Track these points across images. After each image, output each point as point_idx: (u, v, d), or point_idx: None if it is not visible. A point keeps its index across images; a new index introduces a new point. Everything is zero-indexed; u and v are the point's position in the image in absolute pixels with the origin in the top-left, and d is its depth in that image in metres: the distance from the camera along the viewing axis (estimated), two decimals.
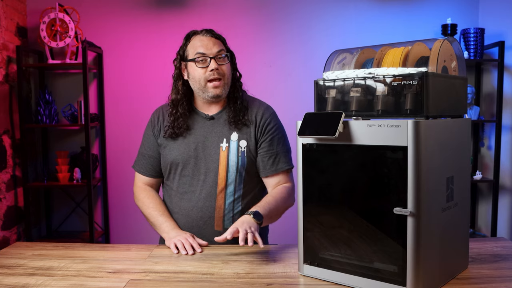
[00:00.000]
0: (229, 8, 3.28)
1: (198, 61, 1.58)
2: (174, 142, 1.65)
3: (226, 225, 1.61)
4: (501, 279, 1.19)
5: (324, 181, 1.21)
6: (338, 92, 1.22)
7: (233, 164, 1.60)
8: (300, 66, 3.27)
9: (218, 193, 1.60)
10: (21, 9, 3.20)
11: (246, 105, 1.66)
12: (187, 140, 1.63)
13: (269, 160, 1.64)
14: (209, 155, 1.61)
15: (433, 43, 1.17)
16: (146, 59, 3.30)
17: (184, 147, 1.63)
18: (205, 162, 1.61)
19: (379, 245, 1.10)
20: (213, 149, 1.62)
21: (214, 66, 1.57)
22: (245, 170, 1.62)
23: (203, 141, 1.63)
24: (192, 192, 1.62)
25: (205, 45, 1.59)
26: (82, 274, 1.29)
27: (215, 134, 1.63)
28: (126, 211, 3.37)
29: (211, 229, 1.61)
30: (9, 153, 3.01)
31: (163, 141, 1.67)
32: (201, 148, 1.62)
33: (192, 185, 1.62)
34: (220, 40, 1.63)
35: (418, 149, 1.03)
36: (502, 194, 3.19)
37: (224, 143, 1.61)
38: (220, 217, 1.61)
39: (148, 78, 3.30)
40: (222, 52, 1.60)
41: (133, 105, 3.31)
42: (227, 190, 1.61)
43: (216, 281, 1.22)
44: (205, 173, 1.61)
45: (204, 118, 1.65)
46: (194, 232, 1.61)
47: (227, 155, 1.61)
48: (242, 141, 1.62)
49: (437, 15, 3.25)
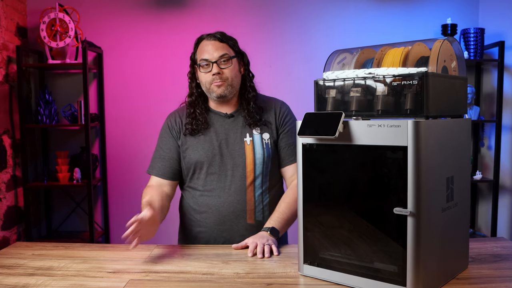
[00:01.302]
0: (229, 8, 3.28)
1: (203, 66, 1.63)
2: (197, 141, 1.66)
3: (257, 217, 1.64)
4: (501, 279, 1.19)
5: (324, 181, 1.21)
6: (338, 92, 1.22)
7: (259, 156, 1.64)
8: (300, 66, 3.27)
9: (247, 186, 1.63)
10: (21, 9, 3.20)
11: (261, 105, 1.70)
12: (210, 138, 1.66)
13: (288, 150, 1.69)
14: (234, 150, 1.64)
15: (433, 43, 1.17)
16: (146, 59, 3.30)
17: (208, 145, 1.65)
18: (231, 157, 1.64)
19: (379, 245, 1.10)
20: (238, 144, 1.65)
21: (216, 70, 1.61)
22: (270, 161, 1.66)
23: (225, 138, 1.66)
24: (220, 188, 1.64)
25: (208, 51, 1.63)
26: (82, 274, 1.29)
27: (237, 130, 1.67)
28: (126, 211, 3.37)
29: (244, 222, 1.63)
30: (9, 153, 3.01)
31: (185, 141, 1.68)
32: (225, 144, 1.65)
33: (220, 181, 1.64)
34: (225, 43, 1.65)
35: (418, 149, 1.03)
36: (502, 194, 3.19)
37: (248, 138, 1.65)
38: (251, 209, 1.63)
39: (148, 78, 3.30)
40: (226, 56, 1.62)
41: (133, 105, 3.31)
42: (255, 182, 1.64)
43: (216, 281, 1.22)
44: (232, 168, 1.64)
45: (223, 117, 1.69)
46: (226, 227, 1.63)
47: (253, 148, 1.64)
48: (265, 133, 1.67)
49: (437, 15, 3.25)
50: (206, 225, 1.66)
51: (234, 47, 1.68)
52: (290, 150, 1.69)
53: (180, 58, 3.29)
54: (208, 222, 1.66)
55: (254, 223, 1.64)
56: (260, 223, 1.63)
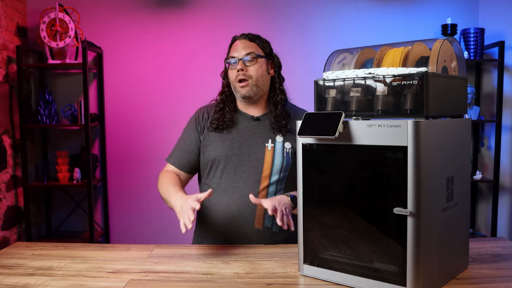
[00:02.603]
0: (229, 8, 3.28)
1: (230, 63, 1.66)
2: (218, 138, 1.66)
3: (266, 224, 1.63)
4: (501, 279, 1.19)
5: (324, 181, 1.21)
6: (338, 92, 1.22)
7: (278, 163, 1.63)
8: (300, 66, 3.27)
9: (260, 190, 1.62)
10: (21, 9, 3.20)
11: (290, 112, 1.70)
12: (232, 137, 1.66)
13: None
14: (254, 154, 1.64)
15: (433, 43, 1.17)
16: (146, 59, 3.30)
17: (228, 144, 1.65)
18: (249, 160, 1.63)
19: (379, 245, 1.10)
20: (258, 148, 1.64)
21: (240, 67, 1.62)
22: (288, 171, 1.65)
23: (248, 140, 1.66)
24: (234, 189, 1.63)
25: (236, 48, 1.66)
26: (82, 274, 1.29)
27: (260, 135, 1.66)
28: (126, 211, 3.37)
29: (251, 226, 1.62)
30: (9, 153, 3.01)
31: (207, 136, 1.68)
32: (246, 146, 1.65)
33: (235, 181, 1.63)
34: (255, 43, 1.67)
35: (418, 149, 1.03)
36: (502, 194, 3.19)
37: (269, 143, 1.65)
38: (260, 215, 1.62)
39: (148, 78, 3.30)
40: (252, 55, 1.64)
41: (133, 105, 3.31)
42: (269, 188, 1.63)
43: (216, 281, 1.22)
44: (248, 170, 1.63)
45: (249, 119, 1.69)
46: (232, 227, 1.62)
47: (273, 155, 1.64)
48: (287, 142, 1.66)
49: (437, 15, 3.25)
50: (216, 221, 1.65)
51: (265, 48, 1.69)
52: None
53: (180, 58, 3.30)
54: (218, 218, 1.64)
55: (262, 228, 1.62)
56: (267, 229, 1.62)
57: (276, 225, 1.61)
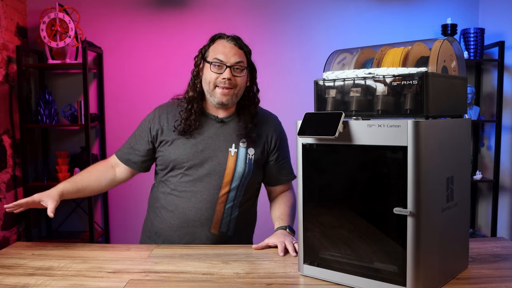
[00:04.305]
0: (229, 8, 3.28)
1: (215, 65, 1.57)
2: (181, 140, 1.62)
3: (222, 229, 1.61)
4: (501, 279, 1.19)
5: (324, 181, 1.21)
6: (338, 92, 1.22)
7: (240, 170, 1.60)
8: (300, 66, 3.27)
9: (220, 196, 1.59)
10: (21, 9, 3.20)
11: (256, 122, 1.64)
12: (196, 141, 1.61)
13: (279, 171, 1.70)
14: (217, 158, 1.60)
15: (433, 43, 1.17)
16: (146, 59, 3.30)
17: (191, 147, 1.60)
18: (211, 164, 1.59)
19: (379, 245, 1.10)
20: (221, 153, 1.60)
21: (228, 75, 1.55)
22: (249, 178, 1.63)
23: (211, 143, 1.61)
24: (192, 193, 1.60)
25: (226, 53, 1.57)
26: (82, 274, 1.29)
27: (224, 138, 1.62)
28: (126, 211, 3.37)
29: (207, 231, 1.60)
30: (9, 153, 3.01)
31: (169, 137, 1.63)
32: (209, 150, 1.60)
33: (194, 186, 1.60)
34: (243, 51, 1.61)
35: (418, 149, 1.03)
36: (502, 194, 3.19)
37: (233, 148, 1.61)
38: (218, 220, 1.60)
39: (148, 78, 3.30)
40: (241, 64, 1.58)
41: (133, 105, 3.30)
42: (229, 194, 1.60)
43: (216, 281, 1.22)
44: (209, 174, 1.59)
45: (213, 120, 1.64)
46: (188, 231, 1.60)
47: (235, 161, 1.60)
48: (251, 148, 1.63)
49: (437, 15, 3.25)
50: (169, 225, 1.63)
51: (248, 58, 1.64)
52: (280, 171, 1.70)
53: (180, 58, 3.30)
54: (173, 222, 1.62)
55: (218, 233, 1.60)
56: (223, 234, 1.61)
57: (231, 230, 1.62)
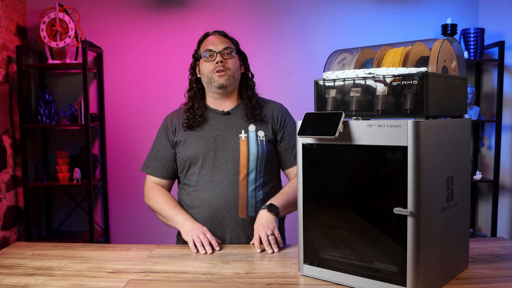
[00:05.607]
0: (229, 8, 3.28)
1: (206, 56, 1.68)
2: (192, 137, 1.68)
3: (249, 213, 1.64)
4: (501, 279, 1.19)
5: (324, 181, 1.21)
6: (338, 92, 1.22)
7: (253, 151, 1.65)
8: (300, 66, 3.27)
9: (240, 180, 1.64)
10: (21, 9, 3.20)
11: (261, 103, 1.74)
12: (205, 134, 1.68)
13: (292, 151, 1.72)
14: (229, 146, 1.66)
15: (433, 43, 1.17)
16: (146, 59, 3.30)
17: (203, 141, 1.67)
18: (225, 152, 1.65)
19: (379, 245, 1.10)
20: (232, 140, 1.67)
21: (219, 58, 1.65)
22: (265, 158, 1.67)
23: (221, 134, 1.68)
24: (213, 182, 1.65)
25: (213, 42, 1.69)
26: (82, 274, 1.29)
27: (233, 127, 1.69)
28: (126, 211, 3.37)
29: (236, 216, 1.63)
30: (9, 153, 3.01)
31: (181, 137, 1.70)
32: (220, 140, 1.67)
33: (213, 175, 1.65)
34: (229, 39, 1.73)
35: (418, 149, 1.03)
36: (502, 194, 3.19)
37: (243, 134, 1.67)
38: (243, 204, 1.64)
39: (148, 78, 3.30)
40: (229, 49, 1.68)
41: (133, 105, 3.31)
42: (249, 177, 1.65)
43: (216, 281, 1.22)
44: (225, 162, 1.65)
45: (219, 114, 1.71)
46: (217, 221, 1.64)
47: (247, 143, 1.66)
48: (260, 131, 1.69)
49: (437, 15, 3.25)
50: (199, 220, 1.65)
51: (236, 46, 1.75)
52: (294, 151, 1.71)
53: (180, 58, 3.29)
54: (201, 216, 1.65)
55: (247, 218, 1.64)
56: (252, 218, 1.63)
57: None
